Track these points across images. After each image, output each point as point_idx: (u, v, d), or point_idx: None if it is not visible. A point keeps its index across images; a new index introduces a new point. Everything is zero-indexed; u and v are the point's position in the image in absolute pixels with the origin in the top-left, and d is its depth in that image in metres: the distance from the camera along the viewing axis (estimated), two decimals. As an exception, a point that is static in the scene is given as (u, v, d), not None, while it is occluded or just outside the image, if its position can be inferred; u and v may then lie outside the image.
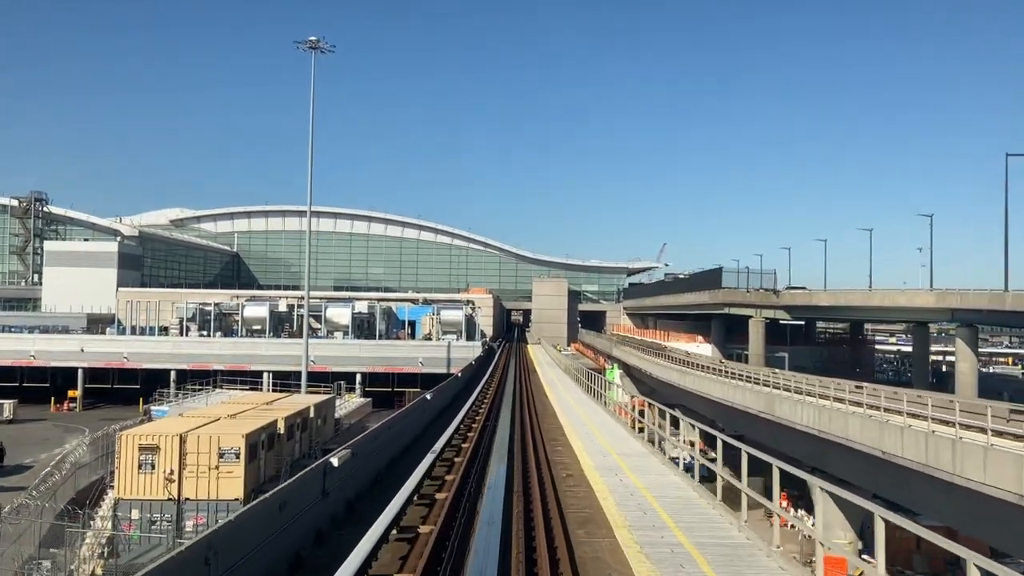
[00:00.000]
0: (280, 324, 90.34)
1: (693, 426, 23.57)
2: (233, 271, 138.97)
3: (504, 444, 19.58)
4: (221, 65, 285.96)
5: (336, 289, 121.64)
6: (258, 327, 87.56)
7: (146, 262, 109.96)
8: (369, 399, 60.73)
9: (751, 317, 72.37)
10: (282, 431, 36.71)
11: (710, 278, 77.83)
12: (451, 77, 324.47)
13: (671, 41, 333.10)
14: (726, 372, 39.97)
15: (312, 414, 42.14)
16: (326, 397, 45.63)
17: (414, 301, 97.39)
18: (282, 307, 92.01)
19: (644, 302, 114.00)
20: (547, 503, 14.30)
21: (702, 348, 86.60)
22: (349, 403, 56.14)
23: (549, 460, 18.65)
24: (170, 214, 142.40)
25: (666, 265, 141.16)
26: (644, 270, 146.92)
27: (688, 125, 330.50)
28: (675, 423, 25.87)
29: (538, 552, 10.88)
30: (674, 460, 21.28)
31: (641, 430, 26.60)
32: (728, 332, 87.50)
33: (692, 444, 24.54)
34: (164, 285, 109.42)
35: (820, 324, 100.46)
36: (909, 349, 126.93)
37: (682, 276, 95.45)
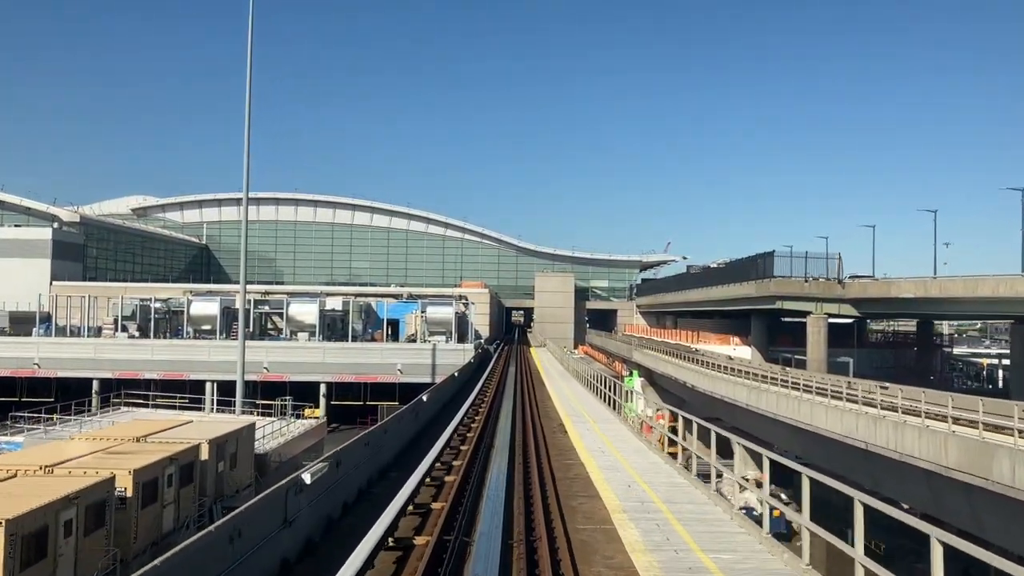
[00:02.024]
0: (236, 323, 75.92)
1: (753, 455, 15.13)
2: (202, 265, 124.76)
3: None
4: (188, 39, 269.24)
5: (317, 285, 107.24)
6: (208, 327, 73.26)
7: (91, 253, 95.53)
8: (323, 420, 46.39)
9: (810, 313, 58.03)
10: (129, 493, 22.45)
11: (754, 266, 63.39)
12: (447, 60, 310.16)
13: (681, 30, 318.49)
14: (849, 395, 25.47)
15: (206, 455, 27.80)
16: (237, 426, 31.26)
17: (397, 296, 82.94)
18: (240, 303, 77.48)
19: (664, 298, 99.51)
20: None
21: (740, 351, 72.49)
22: (292, 427, 41.75)
23: None
24: (131, 202, 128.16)
25: (684, 258, 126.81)
26: (659, 264, 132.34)
27: (698, 116, 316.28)
28: (721, 446, 16.44)
29: None
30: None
31: (674, 455, 19.48)
32: (768, 332, 73.35)
33: (759, 485, 15.86)
34: (118, 281, 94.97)
35: (871, 323, 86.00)
36: (955, 351, 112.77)
37: (715, 265, 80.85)
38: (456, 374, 36.35)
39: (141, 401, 50.64)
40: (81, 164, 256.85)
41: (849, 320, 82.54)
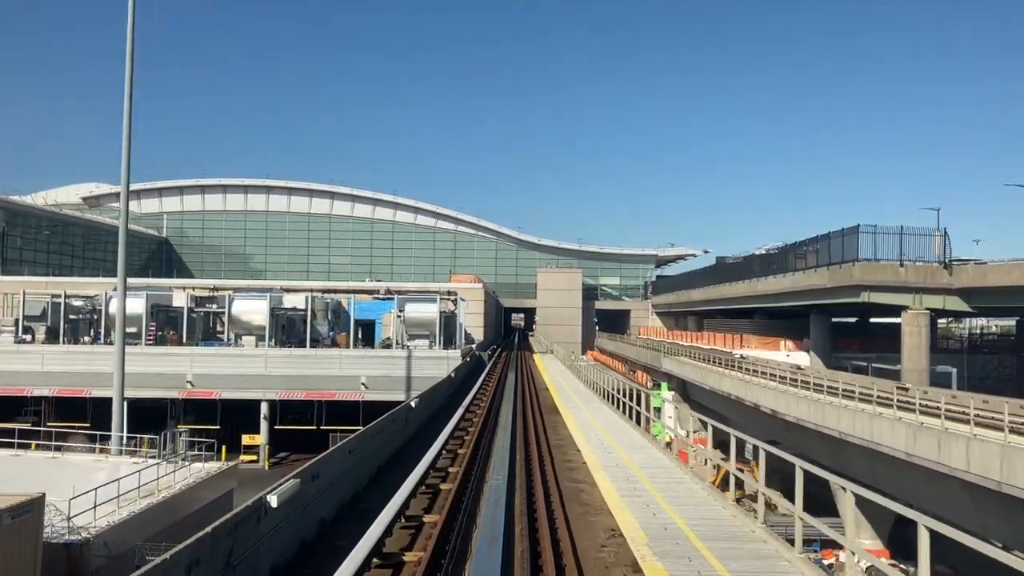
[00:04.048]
0: (170, 326, 61.51)
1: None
2: (161, 261, 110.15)
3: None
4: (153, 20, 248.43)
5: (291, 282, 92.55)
6: (132, 329, 58.60)
7: (14, 243, 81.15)
8: (233, 463, 31.83)
9: (905, 308, 43.64)
10: None
11: (824, 248, 48.91)
12: (439, 44, 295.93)
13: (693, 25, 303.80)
14: None
15: None
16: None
17: (372, 292, 68.45)
18: (177, 301, 63.18)
19: (689, 295, 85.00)
20: None
21: (795, 357, 58.23)
22: (175, 477, 27.23)
23: None
24: (82, 190, 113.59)
25: (705, 252, 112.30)
26: (677, 258, 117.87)
27: (710, 108, 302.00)
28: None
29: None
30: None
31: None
32: (831, 334, 59.00)
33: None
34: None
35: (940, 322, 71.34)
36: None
37: (762, 252, 66.22)
38: (415, 402, 21.91)
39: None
40: (31, 149, 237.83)
41: (892, 319, 68.09)
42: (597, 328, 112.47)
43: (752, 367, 38.79)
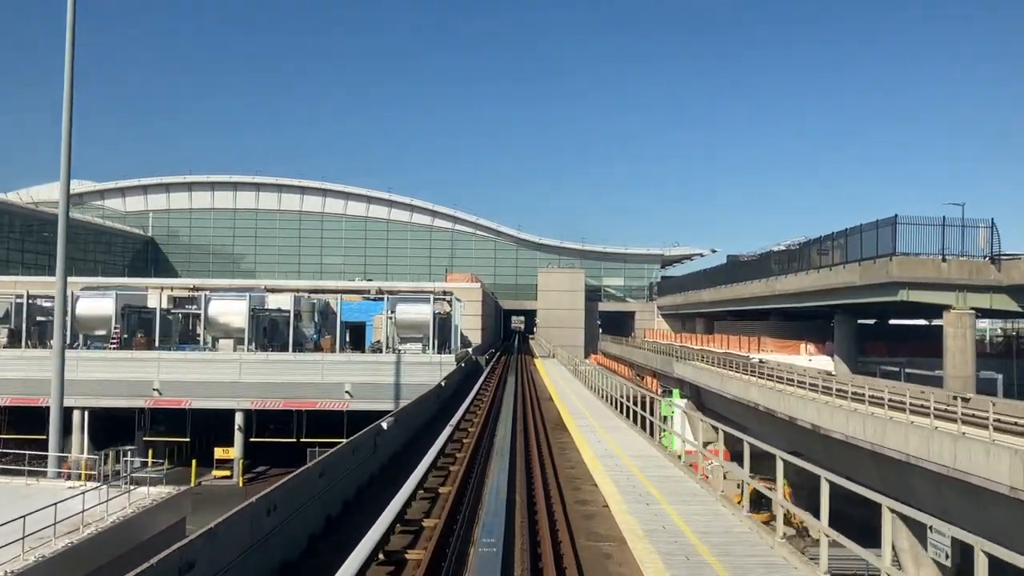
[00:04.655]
0: (144, 328, 57.10)
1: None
2: (146, 261, 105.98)
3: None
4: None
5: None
6: (102, 331, 54.48)
7: (-13, 241, 76.94)
8: (185, 488, 27.52)
9: (948, 307, 39.26)
10: None
11: (854, 242, 44.48)
12: (434, 36, 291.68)
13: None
14: None
15: None
16: None
17: (362, 292, 64.04)
18: (152, 301, 58.82)
19: (698, 296, 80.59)
20: None
21: (817, 361, 54.01)
22: (109, 506, 22.91)
23: None
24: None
25: (713, 251, 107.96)
26: (684, 258, 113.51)
27: (713, 108, 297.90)
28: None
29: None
30: None
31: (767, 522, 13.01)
32: (856, 336, 54.69)
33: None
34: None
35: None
36: None
37: (781, 249, 61.72)
38: (388, 422, 17.50)
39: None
40: (24, 149, 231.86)
41: (911, 321, 64.24)
42: (600, 331, 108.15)
43: (777, 373, 34.43)
